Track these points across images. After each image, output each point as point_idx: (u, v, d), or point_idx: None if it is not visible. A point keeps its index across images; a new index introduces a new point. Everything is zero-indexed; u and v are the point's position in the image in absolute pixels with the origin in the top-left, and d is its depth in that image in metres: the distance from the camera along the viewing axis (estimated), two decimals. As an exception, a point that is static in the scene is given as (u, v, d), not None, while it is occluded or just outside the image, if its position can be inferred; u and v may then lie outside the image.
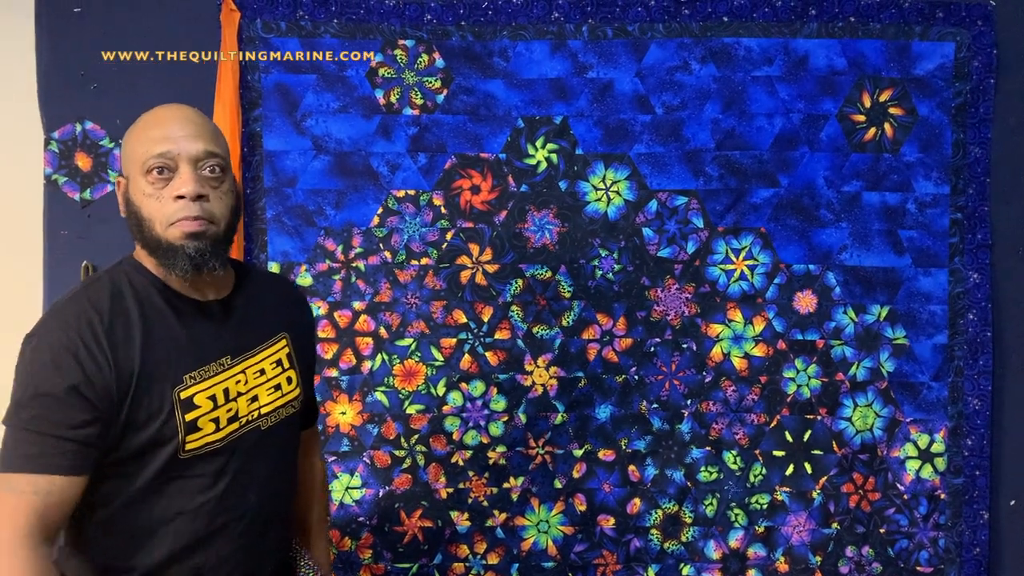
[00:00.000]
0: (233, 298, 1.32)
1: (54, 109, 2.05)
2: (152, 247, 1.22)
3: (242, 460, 1.27)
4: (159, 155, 1.20)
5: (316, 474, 1.58)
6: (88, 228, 2.06)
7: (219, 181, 1.24)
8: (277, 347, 1.36)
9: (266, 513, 1.32)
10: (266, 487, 1.32)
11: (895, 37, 2.10)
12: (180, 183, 1.20)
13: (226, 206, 1.25)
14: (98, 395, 1.14)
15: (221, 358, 1.27)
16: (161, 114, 1.26)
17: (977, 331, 2.11)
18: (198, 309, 1.27)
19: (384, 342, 2.09)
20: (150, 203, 1.21)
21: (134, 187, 1.23)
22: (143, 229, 1.22)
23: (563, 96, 2.09)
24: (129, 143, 1.25)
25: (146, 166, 1.20)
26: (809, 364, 2.12)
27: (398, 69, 2.08)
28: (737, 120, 2.10)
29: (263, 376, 1.32)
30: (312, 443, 1.59)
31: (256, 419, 1.30)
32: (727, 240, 2.11)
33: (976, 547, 2.12)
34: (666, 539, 2.12)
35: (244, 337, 1.31)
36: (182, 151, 1.21)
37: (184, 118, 1.24)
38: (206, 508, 1.24)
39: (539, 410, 2.10)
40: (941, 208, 2.11)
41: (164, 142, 1.21)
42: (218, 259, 1.24)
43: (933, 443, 2.12)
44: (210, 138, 1.25)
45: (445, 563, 2.10)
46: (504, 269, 2.10)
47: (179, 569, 1.23)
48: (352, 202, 2.08)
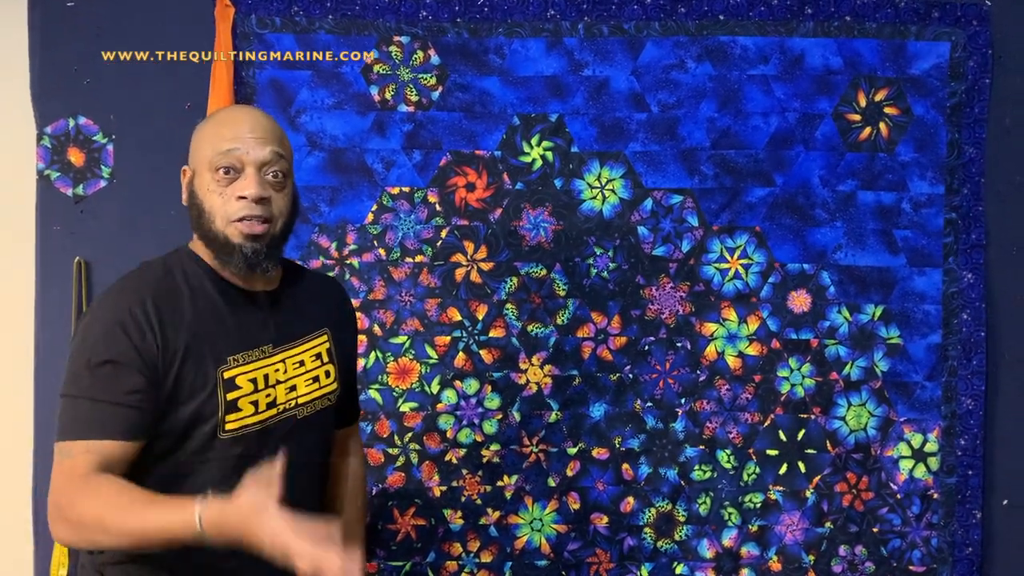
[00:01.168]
0: (280, 292, 1.38)
1: (47, 104, 2.04)
2: (210, 240, 1.28)
3: (276, 447, 1.28)
4: (227, 155, 1.26)
5: (354, 474, 1.60)
6: (81, 224, 2.05)
7: (281, 186, 1.30)
8: (318, 341, 1.40)
9: (295, 502, 1.32)
10: (297, 477, 1.32)
11: (891, 36, 2.10)
12: (244, 185, 1.26)
13: (285, 208, 1.31)
14: (147, 364, 1.20)
15: (264, 345, 1.31)
16: (233, 114, 1.33)
17: (971, 331, 2.11)
18: (246, 298, 1.32)
19: (378, 340, 2.08)
20: (213, 198, 1.27)
21: (199, 181, 1.29)
22: (203, 221, 1.28)
23: (559, 94, 2.08)
24: (199, 138, 1.31)
25: (213, 164, 1.26)
26: (803, 363, 2.12)
27: (393, 66, 2.07)
28: (733, 119, 2.09)
29: (302, 367, 1.36)
30: (352, 443, 1.61)
31: (293, 408, 1.34)
32: (722, 239, 2.11)
33: (969, 546, 2.12)
34: (659, 538, 2.12)
35: (287, 329, 1.36)
36: (250, 154, 1.26)
37: (254, 121, 1.29)
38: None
39: (533, 408, 2.10)
40: (936, 208, 2.11)
41: (233, 142, 1.26)
42: (272, 260, 1.31)
43: (926, 443, 2.12)
44: (278, 143, 1.30)
45: (438, 561, 2.09)
46: (499, 267, 2.10)
47: (209, 553, 1.23)
48: (346, 199, 2.07)
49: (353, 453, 1.61)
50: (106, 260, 2.03)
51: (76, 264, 2.02)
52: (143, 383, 1.19)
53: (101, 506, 1.12)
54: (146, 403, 1.19)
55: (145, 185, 2.03)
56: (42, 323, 2.03)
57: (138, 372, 1.19)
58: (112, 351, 1.18)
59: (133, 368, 1.19)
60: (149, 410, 1.20)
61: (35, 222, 2.05)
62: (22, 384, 2.04)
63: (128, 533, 1.11)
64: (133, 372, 1.18)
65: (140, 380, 1.19)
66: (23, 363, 2.05)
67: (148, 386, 1.20)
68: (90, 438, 1.16)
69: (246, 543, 1.08)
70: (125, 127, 2.05)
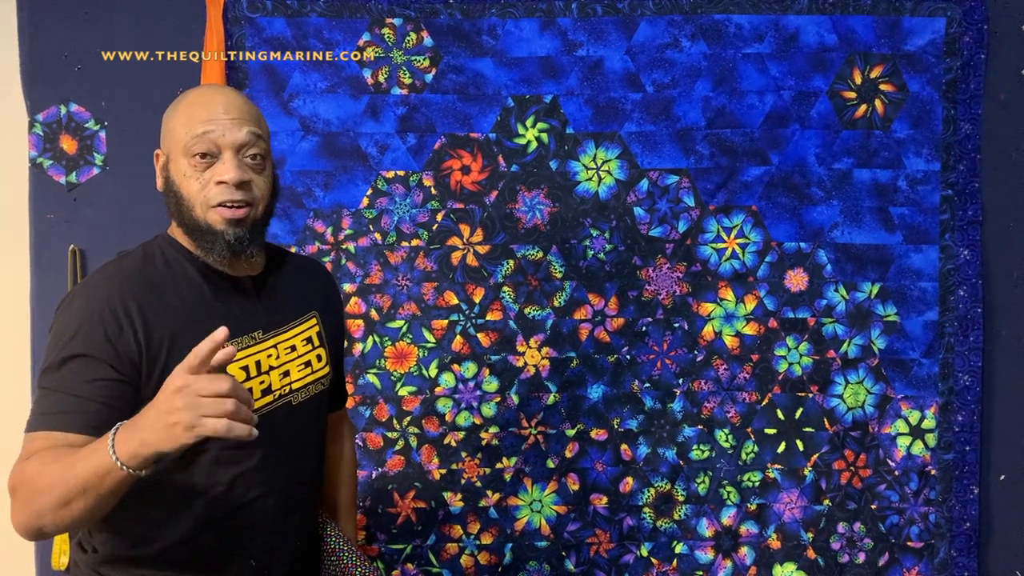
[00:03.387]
0: (265, 276, 1.34)
1: (38, 91, 2.02)
2: (190, 228, 1.23)
3: (274, 435, 1.26)
4: (202, 138, 1.20)
5: (346, 458, 1.59)
6: (75, 212, 2.04)
7: (261, 167, 1.25)
8: (307, 325, 1.37)
9: (294, 489, 1.33)
10: (295, 463, 1.33)
11: (886, 13, 2.09)
12: (223, 169, 1.21)
13: (265, 191, 1.26)
14: (121, 360, 1.14)
15: (253, 332, 1.28)
16: (206, 95, 1.26)
17: (967, 308, 2.12)
18: (231, 284, 1.28)
19: (375, 324, 2.08)
20: (190, 184, 1.22)
21: (174, 167, 1.23)
22: (182, 209, 1.23)
23: (553, 75, 2.07)
24: (171, 121, 1.25)
25: (188, 149, 1.21)
26: (800, 342, 2.12)
27: (386, 48, 2.06)
28: (728, 98, 2.09)
29: (294, 352, 1.33)
30: (342, 427, 1.59)
31: (288, 394, 1.31)
32: (718, 219, 2.11)
33: (966, 522, 2.13)
34: (659, 517, 2.13)
35: (275, 314, 1.33)
36: (226, 136, 1.21)
37: (228, 102, 1.24)
38: (238, 482, 1.24)
39: (531, 391, 2.10)
40: (932, 185, 2.11)
41: (208, 124, 1.20)
42: (256, 245, 1.26)
43: (924, 419, 2.13)
44: (254, 123, 1.25)
45: (438, 544, 2.10)
46: (495, 250, 2.09)
47: (206, 541, 1.23)
48: (341, 183, 2.06)
49: (345, 437, 1.60)
50: (100, 248, 2.02)
51: (71, 252, 2.02)
52: (114, 378, 1.14)
53: (38, 469, 1.06)
54: (115, 399, 1.13)
55: (138, 172, 2.02)
56: (37, 312, 2.02)
57: (109, 366, 1.13)
58: (85, 345, 1.14)
59: (104, 363, 1.13)
60: (119, 407, 1.13)
61: (28, 210, 2.04)
62: (18, 373, 2.04)
63: (62, 484, 1.03)
64: (104, 366, 1.13)
65: (111, 375, 1.14)
66: (19, 352, 2.04)
67: (119, 382, 1.14)
68: (52, 430, 1.11)
69: (156, 442, 0.98)
70: (117, 114, 2.03)
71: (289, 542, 1.34)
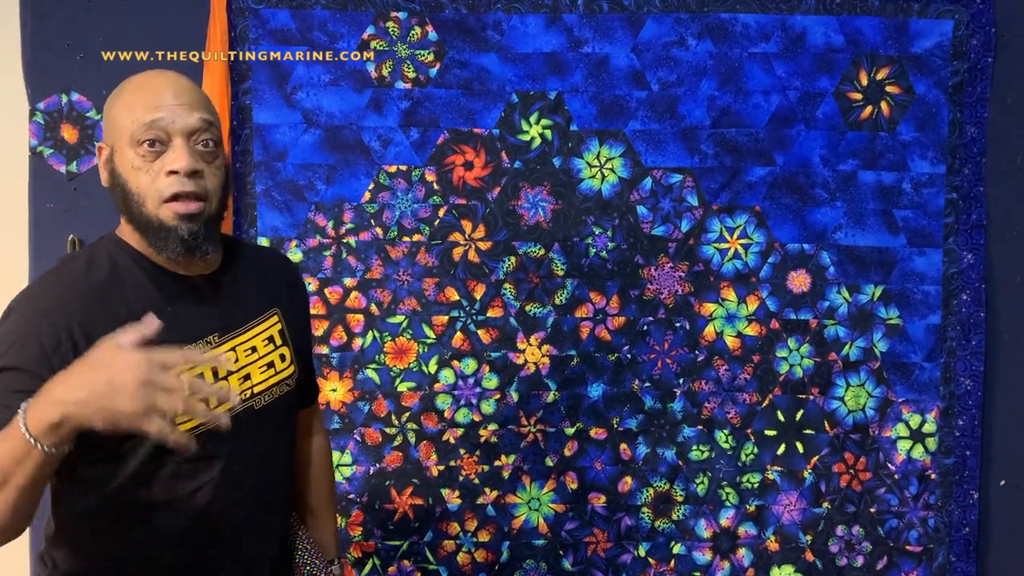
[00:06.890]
0: (221, 273, 1.26)
1: (39, 79, 2.01)
2: (141, 225, 1.16)
3: (237, 441, 1.21)
4: (151, 126, 1.13)
5: (319, 453, 1.53)
6: (75, 201, 2.02)
7: (213, 156, 1.18)
8: (268, 324, 1.30)
9: (266, 496, 1.28)
10: (264, 469, 1.27)
11: (893, 14, 2.08)
12: (174, 158, 1.13)
13: (219, 182, 1.19)
14: (55, 372, 1.03)
15: (208, 336, 1.20)
16: (152, 80, 1.18)
17: (970, 312, 2.11)
18: (184, 285, 1.21)
19: (375, 319, 2.07)
20: (139, 177, 1.14)
21: (120, 158, 1.15)
22: (131, 204, 1.15)
23: (558, 71, 2.06)
24: (115, 109, 1.17)
25: (135, 137, 1.13)
26: (802, 344, 2.11)
27: (390, 42, 2.04)
28: (733, 97, 2.08)
29: (255, 354, 1.26)
30: (313, 422, 1.53)
31: (249, 399, 1.24)
32: (721, 219, 2.10)
33: (966, 526, 2.13)
34: (657, 517, 2.12)
35: (233, 314, 1.25)
36: (176, 123, 1.14)
37: (177, 86, 1.17)
38: (203, 492, 1.19)
39: (531, 388, 2.09)
40: (936, 188, 2.10)
41: (156, 111, 1.13)
42: (211, 241, 1.19)
43: (925, 423, 2.12)
44: (205, 109, 1.18)
45: (436, 540, 2.09)
46: (497, 246, 2.08)
47: (177, 556, 1.19)
48: (343, 177, 2.05)
49: (317, 432, 1.53)
50: (100, 238, 2.01)
51: (70, 242, 2.00)
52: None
53: None
54: None
55: (139, 162, 2.00)
56: (36, 302, 2.01)
57: (41, 380, 1.01)
58: (19, 358, 1.06)
59: (37, 376, 1.04)
60: None
61: (28, 200, 2.02)
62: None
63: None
64: (36, 380, 1.02)
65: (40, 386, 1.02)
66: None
67: None
68: None
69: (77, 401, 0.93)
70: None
71: (266, 551, 1.30)
